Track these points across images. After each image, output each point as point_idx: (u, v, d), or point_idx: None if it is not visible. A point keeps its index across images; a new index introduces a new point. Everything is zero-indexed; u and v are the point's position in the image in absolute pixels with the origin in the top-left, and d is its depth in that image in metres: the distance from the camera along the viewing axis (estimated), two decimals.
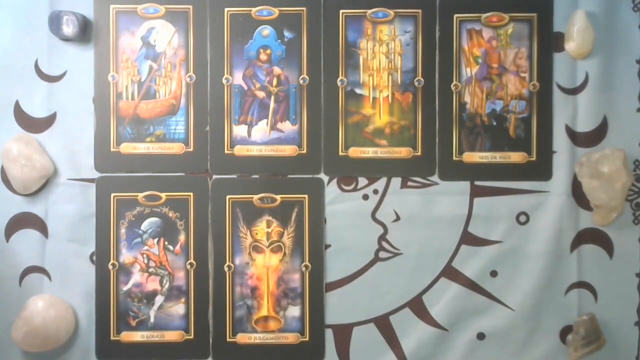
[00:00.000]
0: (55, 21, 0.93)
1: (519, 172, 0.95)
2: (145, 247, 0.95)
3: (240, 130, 0.95)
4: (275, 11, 0.95)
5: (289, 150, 0.95)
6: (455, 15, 0.95)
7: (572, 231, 0.95)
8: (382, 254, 0.95)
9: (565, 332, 0.95)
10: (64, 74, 0.95)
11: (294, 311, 0.95)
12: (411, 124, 0.95)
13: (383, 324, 0.95)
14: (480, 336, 0.95)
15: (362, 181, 0.96)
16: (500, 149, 0.95)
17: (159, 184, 0.95)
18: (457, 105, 0.95)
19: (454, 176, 0.95)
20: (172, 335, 0.95)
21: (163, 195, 0.95)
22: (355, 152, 0.95)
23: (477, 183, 0.95)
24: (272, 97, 0.95)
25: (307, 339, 0.95)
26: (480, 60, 0.95)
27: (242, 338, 0.95)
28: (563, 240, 0.95)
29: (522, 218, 0.95)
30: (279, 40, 0.95)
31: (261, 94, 0.95)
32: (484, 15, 0.95)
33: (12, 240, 0.95)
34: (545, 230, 0.94)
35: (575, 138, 0.95)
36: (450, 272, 0.95)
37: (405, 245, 0.95)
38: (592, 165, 0.92)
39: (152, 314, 0.95)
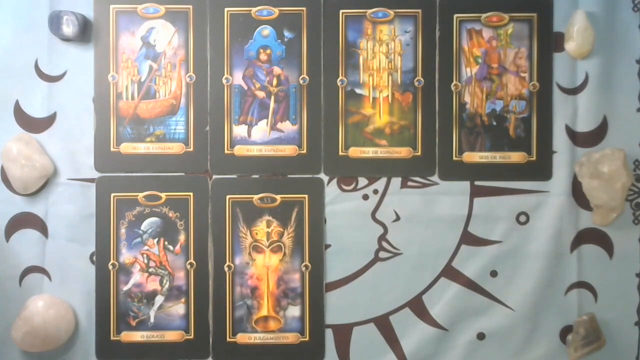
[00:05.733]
0: (55, 21, 0.93)
1: (519, 172, 0.95)
2: (145, 247, 0.95)
3: (240, 130, 0.95)
4: (275, 11, 0.95)
5: (289, 150, 0.95)
6: (455, 15, 0.95)
7: (572, 231, 0.95)
8: (382, 254, 0.95)
9: (565, 332, 0.95)
10: (64, 74, 0.95)
11: (294, 311, 0.95)
12: (411, 124, 0.95)
13: (383, 324, 0.95)
14: (480, 336, 0.95)
15: (362, 181, 0.96)
16: (500, 149, 0.95)
17: (159, 184, 0.95)
18: (457, 105, 0.95)
19: (454, 176, 0.95)
20: (172, 335, 0.95)
21: (163, 195, 0.95)
22: (355, 152, 0.95)
23: (477, 183, 0.95)
24: (272, 97, 0.95)
25: (307, 339, 0.95)
26: (480, 60, 0.95)
27: (242, 338, 0.95)
28: (563, 240, 0.95)
29: (522, 218, 0.95)
30: (279, 40, 0.95)
31: (261, 94, 0.95)
32: (484, 15, 0.95)
33: (12, 240, 0.95)
34: (545, 230, 0.94)
35: (575, 138, 0.95)
36: (450, 272, 0.95)
37: (405, 245, 0.95)
38: (592, 165, 0.92)
39: (152, 314, 0.95)
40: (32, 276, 0.95)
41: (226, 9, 0.95)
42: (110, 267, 0.95)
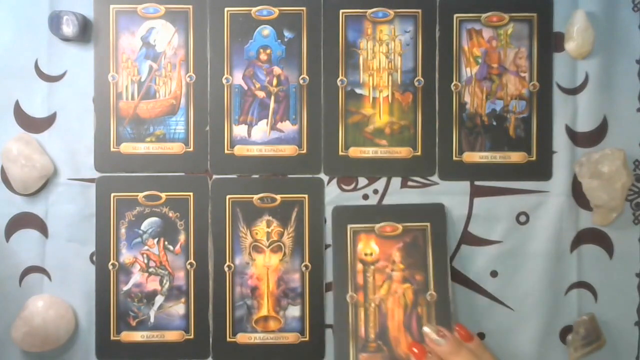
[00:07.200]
0: (55, 21, 0.93)
1: (519, 172, 0.95)
2: (145, 247, 0.95)
3: (240, 130, 0.95)
4: (275, 11, 0.95)
5: (289, 150, 0.95)
6: (455, 15, 0.95)
7: (572, 231, 0.95)
8: None
9: (565, 332, 0.95)
10: (64, 74, 0.95)
11: (294, 311, 0.95)
12: (411, 124, 0.95)
13: None
14: (480, 336, 0.95)
15: (362, 181, 0.96)
16: (500, 149, 0.95)
17: (159, 184, 0.95)
18: (457, 105, 0.95)
19: (454, 176, 0.95)
20: (172, 335, 0.95)
21: (163, 195, 0.95)
22: (355, 152, 0.95)
23: (477, 183, 0.95)
24: (272, 97, 0.95)
25: (307, 339, 0.95)
26: (480, 60, 0.95)
27: (242, 338, 0.95)
28: (563, 240, 0.95)
29: (522, 218, 0.95)
30: (279, 40, 0.95)
31: (261, 94, 0.95)
32: (484, 15, 0.95)
33: (12, 240, 0.95)
34: (545, 230, 0.94)
35: (575, 138, 0.95)
36: (450, 272, 0.95)
37: None
38: (592, 165, 0.92)
39: (152, 314, 0.95)
40: (32, 276, 0.95)
41: (226, 9, 0.95)
42: (110, 267, 0.95)
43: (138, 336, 0.95)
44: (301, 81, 0.95)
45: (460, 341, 0.86)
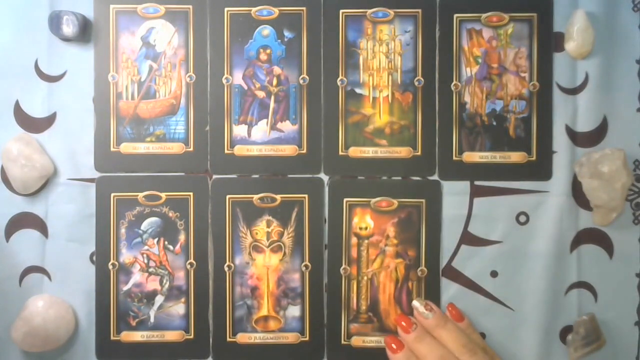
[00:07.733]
0: (55, 21, 0.93)
1: (519, 172, 0.95)
2: (145, 247, 0.95)
3: (240, 130, 0.95)
4: (275, 11, 0.95)
5: (289, 150, 0.95)
6: (455, 15, 0.95)
7: (572, 231, 0.95)
8: None
9: (565, 332, 0.95)
10: (64, 74, 0.95)
11: (294, 311, 0.95)
12: (411, 123, 0.95)
13: None
14: (481, 336, 0.95)
15: None
16: (500, 148, 0.95)
17: (159, 183, 0.95)
18: (457, 105, 0.95)
19: (454, 176, 0.95)
20: (172, 335, 0.95)
21: (163, 195, 0.95)
22: (355, 151, 0.95)
23: (477, 183, 0.95)
24: (272, 97, 0.95)
25: (307, 339, 0.95)
26: (480, 60, 0.95)
27: (242, 338, 0.95)
28: (563, 240, 0.95)
29: (522, 218, 0.95)
30: (279, 40, 0.95)
31: (261, 94, 0.95)
32: (484, 15, 0.95)
33: (12, 240, 0.95)
34: (545, 230, 0.94)
35: (575, 138, 0.95)
36: (450, 272, 0.95)
37: None
38: (592, 165, 0.92)
39: (152, 314, 0.95)
40: (32, 276, 0.95)
41: (226, 9, 0.95)
42: (110, 267, 0.95)
43: (138, 336, 0.95)
44: (301, 81, 0.95)
45: (447, 317, 0.89)
